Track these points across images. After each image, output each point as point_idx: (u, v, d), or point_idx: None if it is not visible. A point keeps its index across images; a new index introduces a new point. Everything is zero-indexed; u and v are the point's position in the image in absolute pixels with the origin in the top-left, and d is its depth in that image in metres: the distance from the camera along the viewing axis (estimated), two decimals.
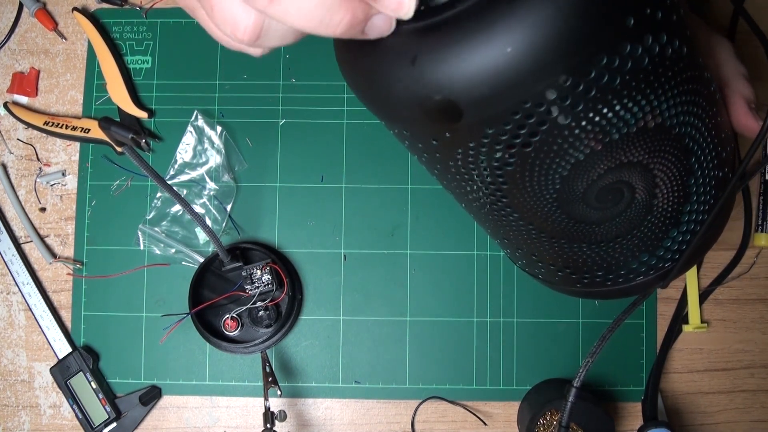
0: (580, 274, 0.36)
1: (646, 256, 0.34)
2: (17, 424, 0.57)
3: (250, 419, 0.57)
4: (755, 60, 0.58)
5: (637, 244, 0.33)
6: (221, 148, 0.57)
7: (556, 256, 0.35)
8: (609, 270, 0.35)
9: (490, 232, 0.38)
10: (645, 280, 0.35)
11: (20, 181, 0.59)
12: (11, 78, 0.59)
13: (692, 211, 0.33)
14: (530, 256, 0.37)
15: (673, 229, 0.33)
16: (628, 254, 0.34)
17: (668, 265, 0.35)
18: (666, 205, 0.32)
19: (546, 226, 0.32)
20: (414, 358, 0.57)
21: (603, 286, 0.36)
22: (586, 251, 0.34)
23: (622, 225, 0.32)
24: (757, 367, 0.57)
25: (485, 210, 0.33)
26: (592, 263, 0.34)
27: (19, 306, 0.58)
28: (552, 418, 0.51)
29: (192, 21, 0.59)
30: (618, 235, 0.32)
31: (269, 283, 0.54)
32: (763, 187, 0.57)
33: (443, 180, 0.34)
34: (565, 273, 0.36)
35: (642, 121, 0.27)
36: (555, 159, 0.27)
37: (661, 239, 0.33)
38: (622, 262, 0.34)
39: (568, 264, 0.35)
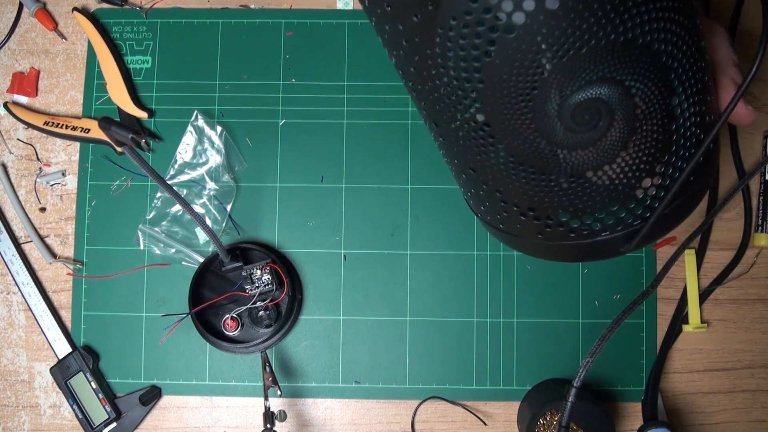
0: (544, 218, 0.34)
1: (616, 206, 0.32)
2: (17, 424, 0.57)
3: (250, 419, 0.57)
4: None
5: (608, 187, 0.32)
6: (221, 148, 0.57)
7: (522, 191, 0.33)
8: (574, 214, 0.33)
9: (458, 162, 0.36)
10: (610, 236, 0.33)
11: (20, 181, 0.59)
12: (11, 78, 0.59)
13: (669, 162, 0.32)
14: (494, 194, 0.35)
15: (647, 178, 0.32)
16: (596, 198, 0.32)
17: (638, 223, 0.33)
18: (642, 144, 0.31)
19: (517, 147, 0.31)
20: (414, 358, 0.57)
21: (565, 238, 0.34)
22: (553, 186, 0.32)
23: (596, 156, 0.31)
24: (757, 367, 0.57)
25: (456, 125, 0.32)
26: (558, 203, 0.33)
27: (19, 306, 0.58)
28: (552, 418, 0.51)
29: (192, 21, 0.59)
30: (590, 167, 0.31)
31: (269, 283, 0.54)
32: (763, 187, 0.57)
33: (417, 83, 0.32)
34: (528, 217, 0.35)
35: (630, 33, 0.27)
36: (535, 56, 0.27)
37: (633, 187, 0.32)
38: (589, 206, 0.33)
39: (533, 204, 0.34)
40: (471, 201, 0.40)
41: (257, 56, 0.59)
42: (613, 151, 0.30)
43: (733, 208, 0.58)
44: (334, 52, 0.59)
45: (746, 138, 0.58)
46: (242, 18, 0.59)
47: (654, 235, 0.35)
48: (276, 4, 0.60)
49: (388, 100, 0.58)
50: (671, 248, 0.57)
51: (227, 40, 0.59)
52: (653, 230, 0.33)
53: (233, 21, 0.59)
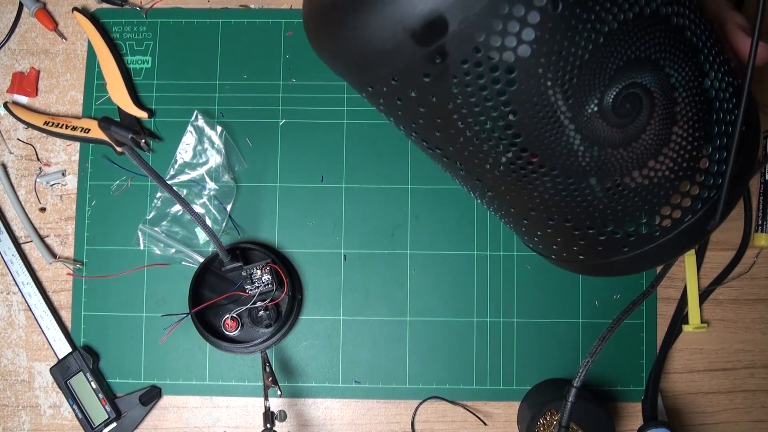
0: (623, 230, 0.32)
1: (687, 185, 0.31)
2: (17, 424, 0.57)
3: (250, 419, 0.57)
4: None
5: (672, 168, 0.30)
6: (221, 148, 0.57)
7: (592, 210, 0.32)
8: (651, 212, 0.31)
9: (515, 211, 0.35)
10: (694, 219, 0.32)
11: (20, 181, 0.59)
12: (11, 78, 0.59)
13: (719, 120, 0.31)
14: (564, 225, 0.33)
15: (706, 144, 0.31)
16: (665, 184, 0.31)
17: (713, 194, 0.32)
18: (689, 111, 0.30)
19: (571, 166, 0.30)
20: (414, 358, 0.57)
21: (652, 240, 0.32)
22: (621, 190, 0.31)
23: (650, 143, 0.30)
24: (757, 367, 0.57)
25: (501, 170, 0.31)
26: (633, 207, 0.31)
27: (19, 306, 0.58)
28: (552, 418, 0.51)
29: (192, 21, 0.59)
30: (649, 155, 0.30)
31: (269, 283, 0.54)
32: (763, 187, 0.57)
33: (448, 145, 0.32)
34: (606, 234, 0.33)
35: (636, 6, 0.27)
36: (556, 67, 0.26)
37: (697, 158, 0.31)
38: (662, 196, 0.31)
39: (607, 219, 0.32)
40: (540, 245, 0.38)
41: (257, 56, 0.59)
42: (665, 129, 0.30)
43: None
44: None
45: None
46: (242, 18, 0.59)
47: (732, 202, 0.33)
48: (276, 4, 0.60)
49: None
50: None
51: (227, 40, 0.59)
52: (730, 195, 0.32)
53: (233, 21, 0.59)
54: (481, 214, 0.58)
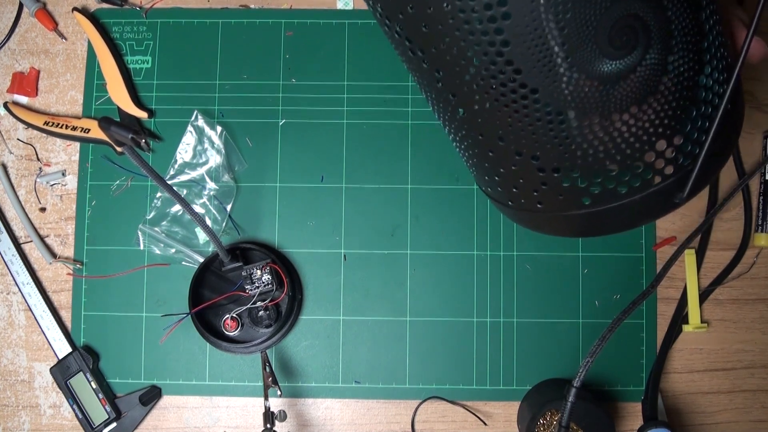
0: (590, 177, 0.32)
1: (664, 144, 0.31)
2: (17, 424, 0.57)
3: (250, 419, 0.57)
4: None
5: (652, 121, 0.30)
6: (221, 148, 0.57)
7: (563, 149, 0.31)
8: (622, 164, 0.31)
9: (482, 139, 0.34)
10: (663, 184, 0.31)
11: (20, 181, 0.59)
12: (11, 78, 0.59)
13: (707, 87, 0.31)
14: (529, 163, 0.32)
15: (691, 107, 0.31)
16: (643, 137, 0.30)
17: (687, 163, 0.32)
18: (682, 65, 0.30)
19: (554, 90, 0.29)
20: (414, 358, 0.57)
21: (615, 198, 0.32)
22: (598, 132, 0.30)
23: (636, 86, 0.29)
24: (757, 367, 0.57)
25: (481, 85, 0.30)
26: (605, 154, 0.31)
27: (19, 306, 0.58)
28: (552, 418, 0.51)
29: (192, 21, 0.59)
30: (632, 100, 0.29)
31: (269, 283, 0.54)
32: (763, 187, 0.57)
33: (431, 45, 0.30)
34: (572, 182, 0.32)
35: None
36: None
37: (680, 119, 0.31)
38: (637, 149, 0.30)
39: (576, 162, 0.31)
40: (499, 186, 0.36)
41: (257, 56, 0.59)
42: (654, 76, 0.29)
43: (733, 208, 0.58)
44: (334, 52, 0.59)
45: (746, 138, 0.58)
46: (242, 18, 0.59)
47: (705, 178, 0.33)
48: (276, 4, 0.60)
49: (388, 100, 0.58)
50: (671, 248, 0.57)
51: (227, 40, 0.59)
52: (703, 171, 0.32)
53: (233, 21, 0.59)
54: (481, 214, 0.58)
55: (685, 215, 0.58)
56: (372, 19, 0.59)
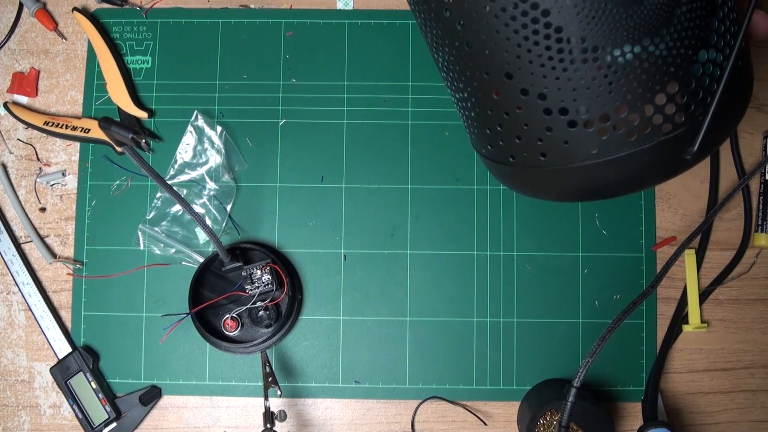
0: (599, 120, 0.30)
1: (675, 87, 0.30)
2: (17, 424, 0.57)
3: (250, 419, 0.57)
4: (756, 60, 0.58)
5: (665, 59, 0.29)
6: (221, 148, 0.57)
7: (573, 84, 0.30)
8: (633, 105, 0.30)
9: (488, 76, 0.32)
10: (673, 134, 0.30)
11: (20, 181, 0.59)
12: (11, 78, 0.59)
13: (719, 33, 0.30)
14: (536, 103, 0.31)
15: (702, 50, 0.30)
16: (654, 75, 0.29)
17: (699, 112, 0.31)
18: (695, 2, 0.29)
19: (569, 16, 0.28)
20: (414, 358, 0.57)
21: (625, 145, 0.30)
22: (610, 67, 0.29)
23: (651, 15, 0.28)
24: (757, 367, 0.57)
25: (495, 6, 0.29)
26: (616, 93, 0.30)
27: (19, 306, 0.58)
28: (552, 418, 0.51)
29: (192, 21, 0.59)
30: (645, 31, 0.28)
31: (269, 283, 0.54)
32: (763, 187, 0.57)
33: None
34: (580, 124, 0.31)
35: None
36: None
37: (692, 60, 0.30)
38: (649, 89, 0.30)
39: (589, 100, 0.30)
40: (501, 139, 0.35)
41: (257, 56, 0.59)
42: (668, 7, 0.28)
43: (733, 208, 0.58)
44: (334, 52, 0.59)
45: (746, 138, 0.58)
46: (242, 18, 0.59)
47: (715, 136, 0.32)
48: (276, 4, 0.60)
49: (388, 100, 0.58)
50: (671, 248, 0.57)
51: (227, 40, 0.59)
52: (713, 127, 0.31)
53: (233, 21, 0.59)
54: (481, 214, 0.58)
55: (685, 215, 0.58)
56: (372, 19, 0.59)
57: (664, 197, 0.58)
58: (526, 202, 0.57)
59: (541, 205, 0.57)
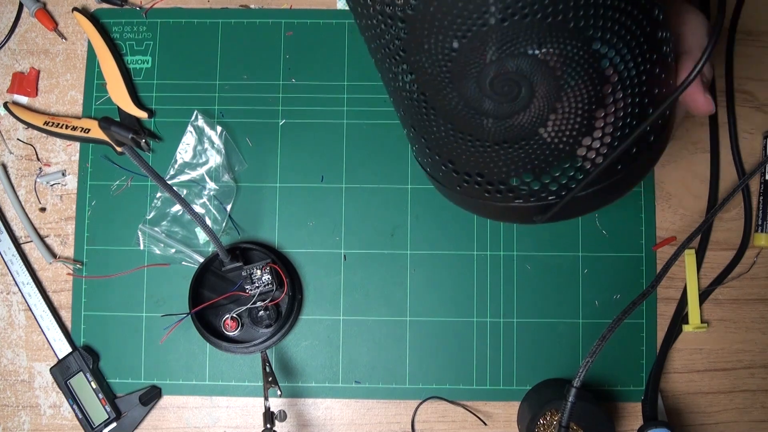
0: (461, 173, 0.34)
1: (530, 177, 0.32)
2: (17, 424, 0.57)
3: (250, 419, 0.57)
4: (756, 60, 0.58)
5: (524, 159, 0.31)
6: (221, 148, 0.57)
7: (442, 143, 0.33)
8: (489, 179, 0.33)
9: (403, 117, 0.37)
10: (523, 205, 0.34)
11: (20, 181, 0.59)
12: (11, 78, 0.59)
13: (592, 147, 0.31)
14: (420, 140, 0.35)
15: (565, 159, 0.31)
16: (511, 166, 0.32)
17: (551, 198, 0.33)
18: (563, 127, 0.30)
19: (438, 102, 0.31)
20: (414, 358, 0.57)
21: (481, 197, 0.35)
22: (470, 146, 0.32)
23: (513, 130, 0.30)
24: (757, 367, 0.57)
25: (398, 85, 0.32)
26: (475, 164, 0.33)
27: (19, 306, 0.58)
28: (552, 418, 0.51)
29: (192, 21, 0.59)
30: (506, 139, 0.31)
31: (269, 283, 0.54)
32: (763, 187, 0.57)
33: (363, 30, 0.33)
34: (448, 168, 0.35)
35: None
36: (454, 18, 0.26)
37: (551, 164, 0.31)
38: (504, 173, 0.32)
39: (452, 158, 0.34)
40: (415, 153, 0.40)
41: (257, 56, 0.59)
42: (531, 127, 0.30)
43: (733, 208, 0.58)
44: (334, 52, 0.59)
45: (746, 138, 0.58)
46: (242, 18, 0.59)
47: (570, 213, 0.35)
48: (276, 4, 0.60)
49: (388, 100, 0.58)
50: (671, 248, 0.57)
51: (227, 40, 0.59)
52: (568, 208, 0.33)
53: (233, 21, 0.59)
54: None
55: (685, 215, 0.58)
56: None
57: (664, 197, 0.58)
58: None
59: None
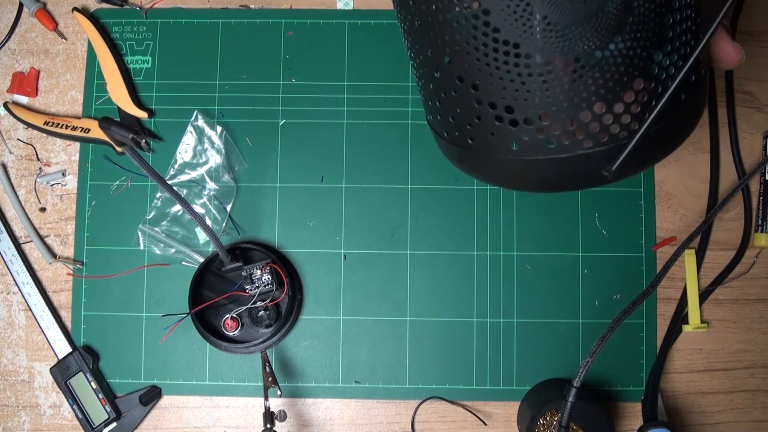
0: (520, 122, 0.31)
1: (602, 108, 0.30)
2: (17, 424, 0.57)
3: (250, 419, 0.57)
4: (756, 60, 0.59)
5: (597, 82, 0.29)
6: (221, 148, 0.57)
7: (503, 83, 0.30)
8: (557, 117, 0.30)
9: (431, 55, 0.33)
10: (593, 150, 0.30)
11: (20, 181, 0.59)
12: (11, 78, 0.59)
13: (661, 65, 0.30)
14: (468, 92, 0.32)
15: (639, 77, 0.29)
16: (583, 94, 0.29)
17: (623, 136, 0.31)
18: (638, 28, 0.28)
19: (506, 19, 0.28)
20: (414, 358, 0.57)
21: (543, 151, 0.31)
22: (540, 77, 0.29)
23: (590, 35, 0.28)
24: (757, 367, 0.57)
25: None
26: (541, 102, 0.30)
27: (19, 306, 0.58)
28: (552, 418, 0.51)
29: (192, 21, 0.59)
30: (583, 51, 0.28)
31: (269, 283, 0.54)
32: (763, 187, 0.57)
33: None
34: (503, 122, 0.31)
35: None
36: None
37: (625, 86, 0.29)
38: (574, 106, 0.29)
39: (513, 100, 0.30)
40: (439, 114, 0.36)
41: (257, 56, 0.59)
42: (609, 31, 0.28)
43: (733, 208, 0.58)
44: (334, 52, 0.59)
45: (746, 138, 0.58)
46: (242, 18, 0.59)
47: (640, 160, 0.32)
48: (276, 4, 0.60)
49: (388, 100, 0.58)
50: (671, 248, 0.57)
51: (227, 40, 0.59)
52: (639, 152, 0.31)
53: (233, 21, 0.59)
54: (481, 214, 0.58)
55: (685, 215, 0.58)
56: (372, 19, 0.59)
57: (664, 197, 0.58)
58: (526, 202, 0.57)
59: (541, 205, 0.57)
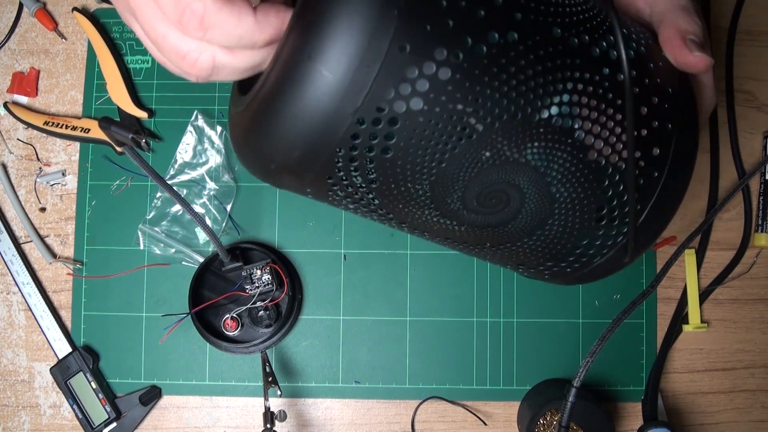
0: (534, 266, 0.33)
1: (587, 239, 0.30)
2: (17, 424, 0.57)
3: (250, 419, 0.57)
4: (756, 60, 0.58)
5: (566, 228, 0.30)
6: (221, 148, 0.57)
7: (498, 257, 0.32)
8: (556, 258, 0.32)
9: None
10: (604, 258, 0.32)
11: (20, 181, 0.59)
12: (11, 78, 0.59)
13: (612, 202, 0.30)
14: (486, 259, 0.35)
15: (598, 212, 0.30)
16: (563, 240, 0.30)
17: (621, 239, 0.31)
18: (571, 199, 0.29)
19: (462, 236, 0.30)
20: (414, 358, 0.57)
21: (564, 275, 0.33)
22: (516, 248, 0.31)
23: (528, 220, 0.29)
24: (757, 367, 0.57)
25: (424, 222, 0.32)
26: (534, 256, 0.31)
27: (19, 306, 0.58)
28: (552, 418, 0.51)
29: None
30: (531, 230, 0.29)
31: (269, 283, 0.54)
32: (763, 187, 0.57)
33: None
34: (523, 268, 0.34)
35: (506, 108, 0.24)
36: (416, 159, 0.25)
37: (591, 216, 0.30)
38: (563, 248, 0.31)
39: (516, 259, 0.32)
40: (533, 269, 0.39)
41: None
42: (543, 211, 0.29)
43: (733, 208, 0.58)
44: None
45: (746, 138, 0.58)
46: None
47: (652, 233, 0.34)
48: None
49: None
50: (671, 248, 0.57)
51: None
52: (647, 229, 0.32)
53: None
54: None
55: (685, 215, 0.58)
56: None
57: None
58: None
59: None
